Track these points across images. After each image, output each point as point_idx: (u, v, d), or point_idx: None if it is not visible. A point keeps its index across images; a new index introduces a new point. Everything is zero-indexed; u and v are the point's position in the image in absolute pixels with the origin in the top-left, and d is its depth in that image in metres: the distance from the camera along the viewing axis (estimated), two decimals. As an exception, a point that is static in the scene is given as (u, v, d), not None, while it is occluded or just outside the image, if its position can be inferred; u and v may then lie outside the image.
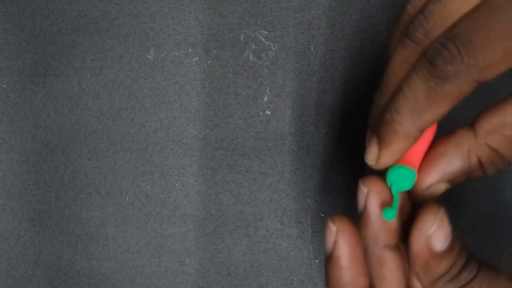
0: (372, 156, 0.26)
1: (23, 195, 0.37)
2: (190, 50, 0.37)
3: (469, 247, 0.28)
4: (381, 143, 0.25)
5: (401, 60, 0.24)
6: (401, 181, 0.25)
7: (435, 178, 0.25)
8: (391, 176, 0.25)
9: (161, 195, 0.38)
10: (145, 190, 0.38)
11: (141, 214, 0.38)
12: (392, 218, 0.25)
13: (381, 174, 0.27)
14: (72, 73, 0.37)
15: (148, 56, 0.37)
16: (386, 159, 0.25)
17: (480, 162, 0.24)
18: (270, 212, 0.37)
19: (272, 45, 0.37)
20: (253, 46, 0.37)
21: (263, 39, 0.37)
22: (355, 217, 0.27)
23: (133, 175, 0.37)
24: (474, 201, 0.37)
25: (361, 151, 0.37)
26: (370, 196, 0.26)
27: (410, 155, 0.25)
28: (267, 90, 0.37)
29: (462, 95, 0.22)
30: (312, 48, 0.37)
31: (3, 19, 0.37)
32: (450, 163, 0.25)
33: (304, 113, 0.37)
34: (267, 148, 0.37)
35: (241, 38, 0.37)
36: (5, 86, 0.37)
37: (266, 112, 0.37)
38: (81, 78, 0.37)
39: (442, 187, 0.25)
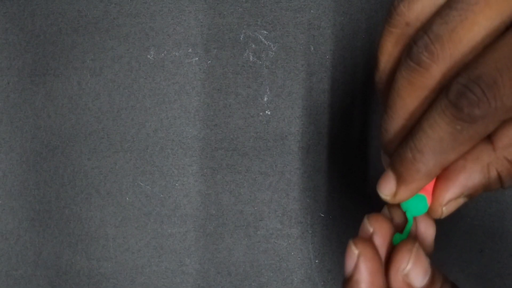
0: (388, 191, 0.25)
1: (23, 195, 0.37)
2: (190, 50, 0.37)
3: (469, 247, 0.28)
4: (400, 180, 0.24)
5: (406, 84, 0.23)
6: (415, 207, 0.25)
7: (455, 194, 0.24)
8: (406, 204, 0.25)
9: (161, 195, 0.38)
10: (145, 190, 0.38)
11: (141, 214, 0.38)
12: (397, 243, 0.25)
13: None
14: (72, 73, 0.37)
15: (148, 56, 0.37)
16: (404, 196, 0.25)
17: (499, 175, 0.24)
18: (270, 212, 0.37)
19: (272, 45, 0.37)
20: (253, 46, 0.37)
21: (263, 39, 0.37)
22: (356, 217, 0.27)
23: (133, 175, 0.37)
24: (474, 201, 0.37)
25: (361, 151, 0.37)
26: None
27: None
28: (267, 90, 0.37)
29: (487, 133, 0.22)
30: (312, 48, 0.37)
31: (3, 19, 0.37)
32: (470, 178, 0.24)
33: (304, 113, 0.37)
34: (267, 148, 0.37)
35: (241, 38, 0.37)
36: (5, 86, 0.37)
37: (266, 112, 0.37)
38: (81, 78, 0.37)
39: (460, 202, 0.25)
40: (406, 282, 0.24)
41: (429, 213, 0.25)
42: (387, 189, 0.25)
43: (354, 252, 0.25)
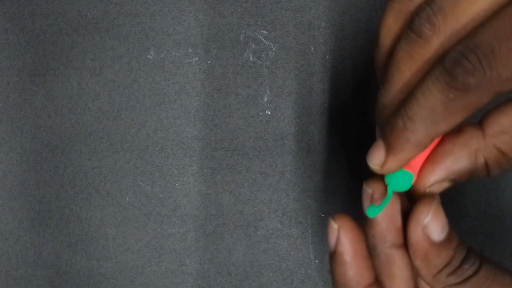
0: (377, 161, 0.25)
1: (23, 195, 0.37)
2: (190, 50, 0.37)
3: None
4: (389, 149, 0.24)
5: (406, 56, 0.23)
6: (398, 183, 0.25)
7: (440, 176, 0.25)
8: (389, 176, 0.25)
9: (161, 195, 0.37)
10: (145, 190, 0.37)
11: (141, 214, 0.37)
12: (373, 215, 0.25)
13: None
14: (72, 73, 0.37)
15: (148, 56, 0.37)
16: (392, 165, 0.24)
17: (486, 163, 0.24)
18: (270, 212, 0.37)
19: (272, 45, 0.37)
20: (253, 46, 0.37)
21: (263, 39, 0.37)
22: (357, 216, 0.27)
23: (133, 175, 0.37)
24: (474, 201, 0.37)
25: (361, 151, 0.37)
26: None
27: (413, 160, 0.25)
28: (267, 90, 0.37)
29: (480, 105, 0.22)
30: (312, 48, 0.37)
31: (3, 19, 0.37)
32: (456, 162, 0.24)
33: (304, 113, 0.37)
34: (267, 148, 0.37)
35: (241, 38, 0.37)
36: (5, 86, 0.37)
37: (266, 112, 0.37)
38: (81, 78, 0.37)
39: (444, 185, 0.25)
40: (425, 234, 0.25)
41: (412, 192, 0.26)
42: (376, 158, 0.25)
43: (334, 226, 0.26)
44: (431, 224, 0.25)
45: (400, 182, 0.25)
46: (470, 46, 0.21)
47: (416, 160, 0.25)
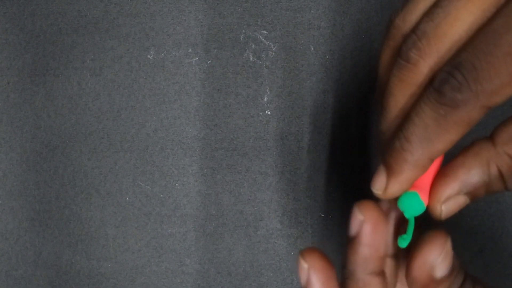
0: (379, 185, 0.25)
1: (23, 195, 0.37)
2: (190, 50, 0.37)
3: (469, 247, 0.28)
4: (389, 172, 0.24)
5: (397, 81, 0.24)
6: (410, 207, 0.25)
7: (454, 190, 0.24)
8: (402, 203, 0.25)
9: (161, 195, 0.37)
10: (145, 190, 0.37)
11: (141, 214, 0.37)
12: (405, 245, 0.25)
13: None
14: (72, 73, 0.37)
15: (148, 56, 0.37)
16: (394, 189, 0.25)
17: (500, 173, 0.24)
18: (270, 212, 0.37)
19: (272, 45, 0.37)
20: (253, 46, 0.37)
21: (263, 39, 0.37)
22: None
23: (133, 175, 0.37)
24: (474, 201, 0.37)
25: (361, 151, 0.37)
26: (365, 223, 0.25)
27: (420, 179, 0.25)
28: (267, 90, 0.37)
29: (472, 121, 0.22)
30: (312, 48, 0.37)
31: (3, 19, 0.37)
32: (469, 174, 0.24)
33: (304, 113, 0.37)
34: (267, 148, 0.37)
35: (241, 38, 0.37)
36: (5, 86, 0.37)
37: (266, 112, 0.37)
38: (81, 78, 0.37)
39: (461, 200, 0.25)
40: (428, 272, 0.25)
41: (429, 212, 0.25)
42: (378, 183, 0.25)
43: (304, 266, 0.26)
44: (440, 264, 0.25)
45: (411, 205, 0.25)
46: (455, 64, 0.22)
47: (423, 182, 0.25)
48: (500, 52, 0.21)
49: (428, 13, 0.23)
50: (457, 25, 0.22)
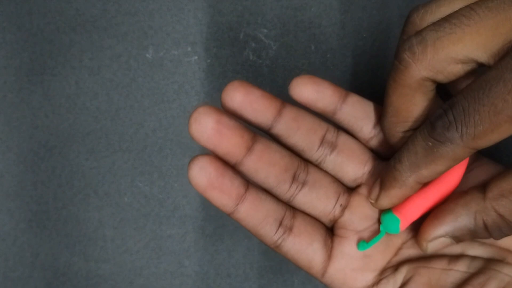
0: (373, 196, 0.27)
1: (20, 195, 0.37)
2: (189, 49, 0.37)
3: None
4: (382, 186, 0.27)
5: (391, 81, 0.25)
6: (388, 225, 0.27)
7: (440, 232, 0.26)
8: (382, 218, 0.28)
9: (160, 196, 0.37)
10: (144, 190, 0.37)
11: (140, 215, 0.37)
12: (362, 250, 0.27)
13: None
14: (70, 72, 0.37)
15: (147, 55, 0.37)
16: (383, 202, 0.27)
17: (485, 225, 0.25)
18: (270, 213, 0.37)
19: (272, 44, 0.37)
20: (253, 44, 0.37)
21: (263, 38, 0.37)
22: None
23: (131, 175, 0.37)
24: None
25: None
26: None
27: (408, 204, 0.27)
28: (267, 90, 0.37)
29: (457, 158, 0.24)
30: (313, 47, 0.37)
31: (0, 18, 0.37)
32: (456, 221, 0.26)
33: (304, 112, 0.37)
34: (267, 148, 0.37)
35: (240, 37, 0.37)
36: (2, 85, 0.37)
37: (266, 111, 0.37)
38: (79, 77, 0.37)
39: (446, 242, 0.26)
40: None
41: (416, 245, 0.27)
42: (372, 193, 0.27)
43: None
44: None
45: (389, 225, 0.27)
46: (450, 104, 0.23)
47: (406, 207, 0.27)
48: (486, 102, 0.22)
49: (436, 23, 0.24)
50: (457, 47, 0.23)
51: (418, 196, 0.27)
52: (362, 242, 0.28)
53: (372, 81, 0.37)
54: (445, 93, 0.28)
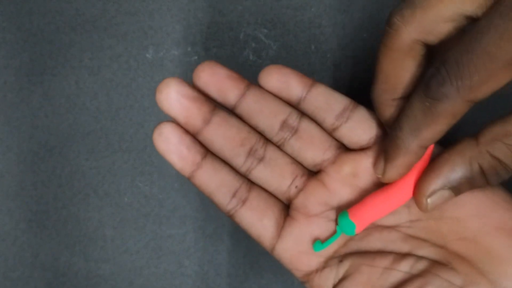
0: (379, 170, 0.27)
1: (20, 195, 0.37)
2: (189, 49, 0.37)
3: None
4: (386, 158, 0.27)
5: (382, 47, 0.26)
6: (345, 227, 0.27)
7: (438, 185, 0.26)
8: (340, 220, 0.28)
9: (160, 196, 0.37)
10: (144, 190, 0.37)
11: (140, 215, 0.37)
12: (317, 250, 0.28)
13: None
14: (69, 72, 0.37)
15: (147, 55, 0.37)
16: (390, 173, 0.27)
17: (482, 170, 0.25)
18: (271, 213, 0.37)
19: (272, 44, 0.37)
20: (253, 44, 0.37)
21: (263, 38, 0.37)
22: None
23: (131, 175, 0.37)
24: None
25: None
26: None
27: (364, 209, 0.27)
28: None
29: (456, 114, 0.24)
30: (313, 47, 0.37)
31: (0, 18, 0.37)
32: (453, 170, 0.26)
33: (304, 112, 0.37)
34: (267, 148, 0.37)
35: (241, 37, 0.37)
36: (2, 85, 0.37)
37: (266, 111, 0.37)
38: (79, 77, 0.37)
39: (445, 195, 0.26)
40: None
41: (416, 206, 0.27)
42: (378, 168, 0.27)
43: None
44: None
45: (346, 228, 0.27)
46: (442, 60, 0.23)
47: (362, 212, 0.27)
48: (479, 51, 0.22)
49: None
50: (445, 3, 0.24)
51: (374, 200, 0.27)
52: (318, 242, 0.28)
53: (372, 81, 0.37)
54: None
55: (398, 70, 0.26)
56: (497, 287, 0.25)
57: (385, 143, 0.27)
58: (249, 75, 0.37)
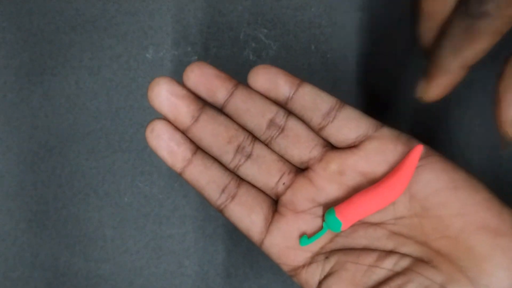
0: (420, 91, 0.28)
1: (20, 195, 0.37)
2: (189, 49, 0.37)
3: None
4: (428, 77, 0.28)
5: None
6: (331, 224, 0.28)
7: None
8: (327, 217, 0.28)
9: (160, 196, 0.37)
10: (144, 190, 0.37)
11: (140, 215, 0.37)
12: (304, 245, 0.28)
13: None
14: (69, 72, 0.37)
15: (147, 55, 0.37)
16: (432, 92, 0.28)
17: None
18: (270, 213, 0.37)
19: (272, 44, 0.37)
20: (253, 44, 0.37)
21: (263, 38, 0.37)
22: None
23: (131, 175, 0.37)
24: None
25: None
26: None
27: (350, 207, 0.27)
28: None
29: (496, 31, 0.25)
30: (313, 47, 0.37)
31: (0, 18, 0.37)
32: None
33: (304, 112, 0.37)
34: (267, 148, 0.37)
35: (241, 37, 0.37)
36: (2, 85, 0.37)
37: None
38: (79, 77, 0.37)
39: None
40: None
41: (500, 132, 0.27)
42: (419, 89, 0.28)
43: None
44: None
45: (333, 225, 0.28)
46: None
47: (348, 210, 0.27)
48: None
49: None
50: None
51: (361, 199, 0.27)
52: (304, 237, 0.28)
53: (372, 81, 0.37)
54: None
55: (441, 5, 0.27)
56: (477, 284, 0.25)
57: (427, 66, 0.28)
58: (249, 75, 0.37)
